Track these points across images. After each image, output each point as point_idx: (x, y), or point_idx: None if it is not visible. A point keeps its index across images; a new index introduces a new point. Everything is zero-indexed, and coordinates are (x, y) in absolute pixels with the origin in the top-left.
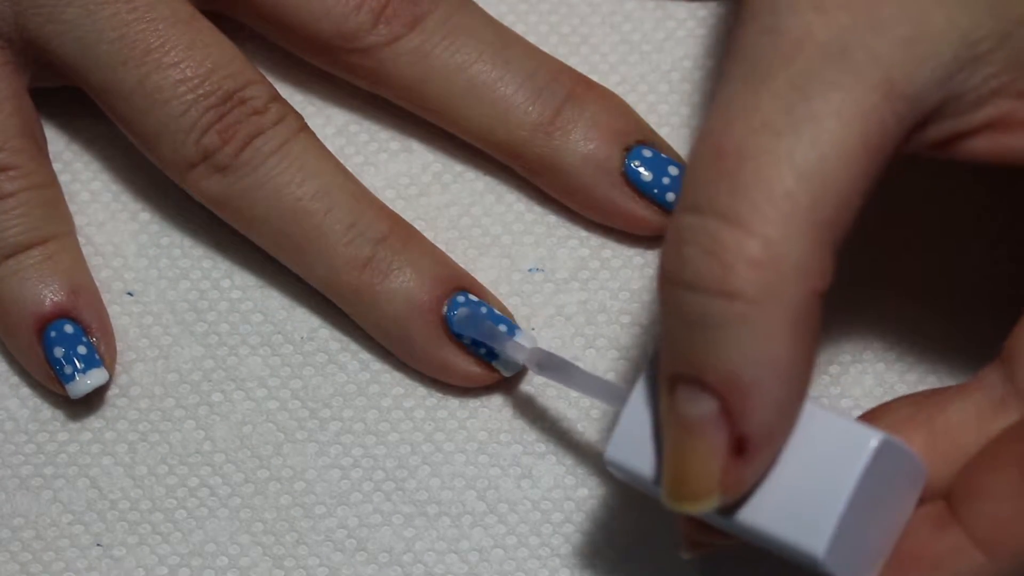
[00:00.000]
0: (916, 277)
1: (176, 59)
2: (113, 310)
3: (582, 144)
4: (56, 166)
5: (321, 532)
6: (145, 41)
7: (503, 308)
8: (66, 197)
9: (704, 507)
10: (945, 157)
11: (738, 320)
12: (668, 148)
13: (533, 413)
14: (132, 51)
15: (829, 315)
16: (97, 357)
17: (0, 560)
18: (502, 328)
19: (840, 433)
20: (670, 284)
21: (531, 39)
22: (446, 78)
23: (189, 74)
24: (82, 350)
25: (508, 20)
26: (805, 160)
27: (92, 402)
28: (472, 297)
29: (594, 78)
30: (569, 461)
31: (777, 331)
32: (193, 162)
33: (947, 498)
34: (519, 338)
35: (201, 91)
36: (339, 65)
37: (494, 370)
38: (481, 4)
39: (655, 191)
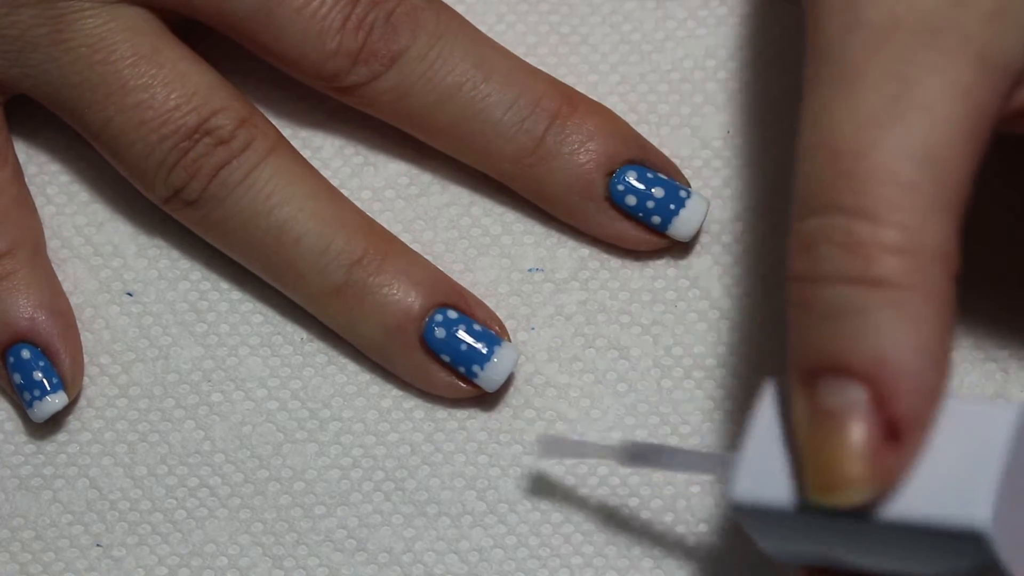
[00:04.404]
0: (994, 279)
1: (137, 100)
2: (113, 310)
3: (564, 173)
4: (57, 165)
5: (321, 532)
6: (106, 84)
7: (489, 315)
8: (66, 197)
9: (854, 498)
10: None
11: (886, 305)
12: (659, 158)
13: (533, 413)
14: (94, 95)
15: None
16: (56, 380)
17: (0, 560)
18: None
19: (975, 413)
20: (805, 283)
21: (531, 39)
22: (426, 115)
23: (150, 115)
24: (38, 376)
25: (508, 20)
26: (921, 147)
27: (92, 402)
28: (451, 314)
29: (594, 78)
30: (569, 461)
31: (925, 315)
32: (165, 197)
33: None
34: (503, 350)
35: (164, 130)
36: (328, 92)
37: (477, 386)
38: (481, 4)
39: (640, 215)
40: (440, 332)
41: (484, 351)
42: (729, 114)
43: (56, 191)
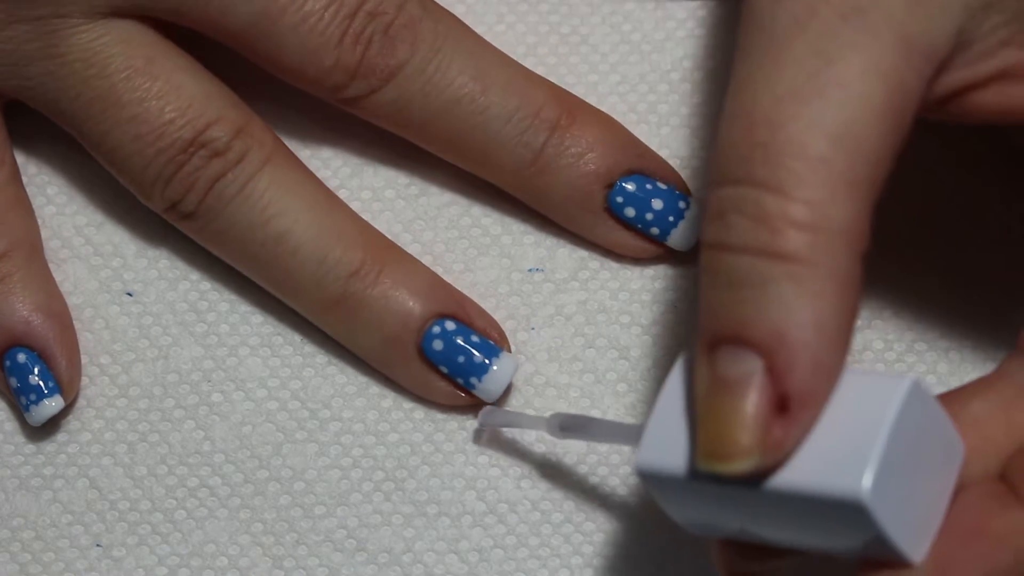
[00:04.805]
0: (928, 264)
1: (131, 114)
2: (113, 310)
3: (563, 185)
4: (57, 165)
5: (321, 532)
6: (101, 99)
7: (489, 323)
8: (66, 197)
9: (740, 467)
10: (955, 117)
11: (787, 279)
12: (659, 166)
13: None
14: (90, 109)
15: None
16: (52, 383)
17: (0, 560)
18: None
19: (872, 385)
20: (715, 250)
21: (531, 39)
22: (425, 127)
23: (145, 129)
24: (34, 380)
25: (508, 20)
26: (835, 124)
27: (92, 402)
28: (449, 325)
29: (594, 78)
30: (569, 461)
31: (825, 291)
32: (163, 209)
33: (1003, 479)
34: (501, 361)
35: (160, 144)
36: (329, 101)
37: (476, 396)
38: (481, 4)
39: (639, 226)
40: (438, 344)
41: (482, 363)
42: None
43: (56, 191)
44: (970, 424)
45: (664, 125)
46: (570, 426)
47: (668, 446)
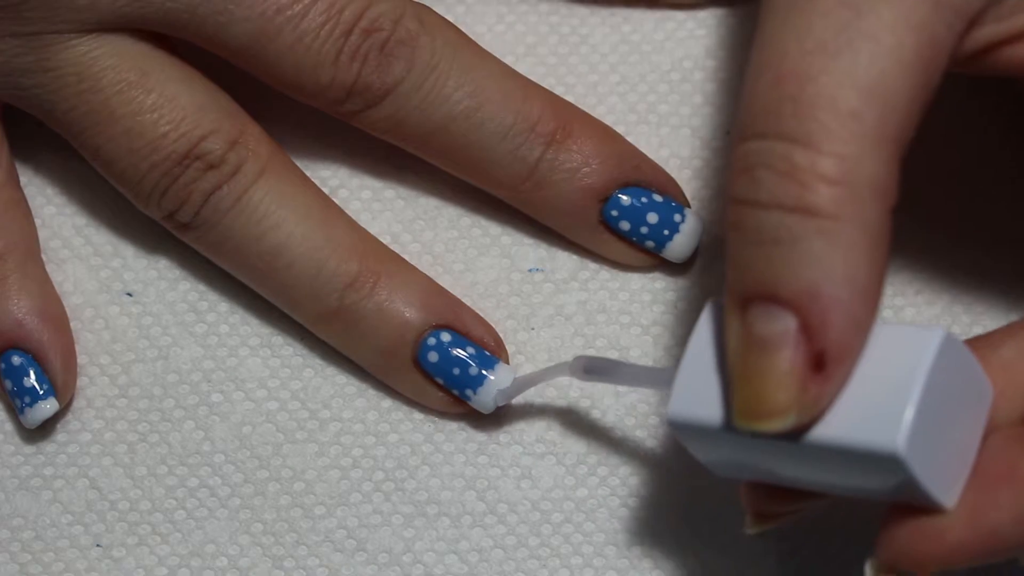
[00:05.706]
0: (952, 213)
1: (125, 128)
2: (112, 310)
3: (558, 200)
4: (57, 165)
5: (321, 532)
6: (94, 113)
7: (486, 331)
8: (66, 197)
9: (779, 425)
10: (985, 72)
11: (818, 235)
12: (656, 177)
13: (532, 414)
14: (84, 122)
15: None
16: (47, 386)
17: (0, 560)
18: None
19: (904, 338)
20: (743, 206)
21: (530, 39)
22: (422, 142)
23: (139, 143)
24: (29, 382)
25: (508, 20)
26: (866, 77)
27: (92, 402)
28: (444, 336)
29: (594, 78)
30: (569, 461)
31: (856, 246)
32: (161, 218)
33: None
34: (496, 372)
35: (154, 158)
36: (327, 112)
37: (472, 407)
38: (481, 3)
39: (635, 238)
40: (433, 356)
41: (478, 374)
42: (729, 114)
43: (56, 191)
44: (999, 368)
45: (664, 125)
46: (595, 368)
47: (699, 395)
